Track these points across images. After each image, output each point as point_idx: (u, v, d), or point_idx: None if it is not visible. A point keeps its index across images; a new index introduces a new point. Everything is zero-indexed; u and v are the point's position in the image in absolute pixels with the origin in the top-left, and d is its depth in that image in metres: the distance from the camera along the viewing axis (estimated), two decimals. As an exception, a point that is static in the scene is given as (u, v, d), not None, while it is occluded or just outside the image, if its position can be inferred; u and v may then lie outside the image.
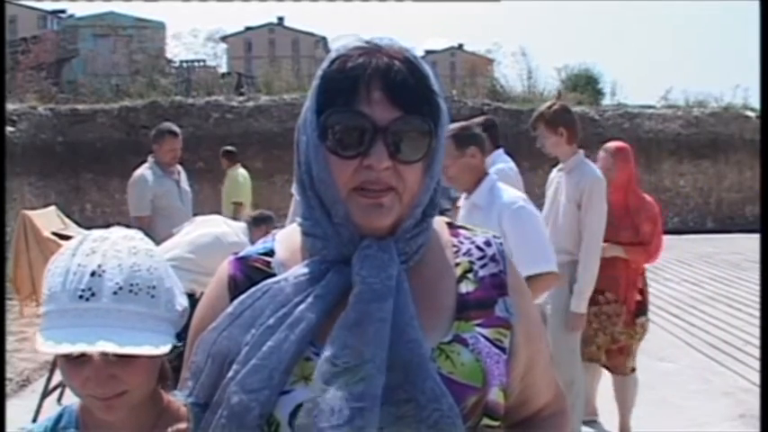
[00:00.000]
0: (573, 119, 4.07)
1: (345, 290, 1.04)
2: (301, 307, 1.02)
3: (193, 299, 1.20)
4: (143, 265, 1.13)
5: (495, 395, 1.06)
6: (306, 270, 1.06)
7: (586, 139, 4.27)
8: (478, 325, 1.08)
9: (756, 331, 6.47)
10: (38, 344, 1.07)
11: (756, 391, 4.98)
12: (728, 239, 13.25)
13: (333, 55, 1.07)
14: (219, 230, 4.39)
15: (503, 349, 1.09)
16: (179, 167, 5.77)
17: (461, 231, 1.18)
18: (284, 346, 1.00)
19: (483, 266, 1.13)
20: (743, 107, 15.96)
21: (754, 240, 9.04)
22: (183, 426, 1.15)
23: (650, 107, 16.14)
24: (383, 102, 1.02)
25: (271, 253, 1.14)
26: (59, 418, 1.20)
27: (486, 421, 1.06)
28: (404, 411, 0.98)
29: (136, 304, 1.10)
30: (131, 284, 1.10)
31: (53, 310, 1.08)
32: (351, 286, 1.03)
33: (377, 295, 1.01)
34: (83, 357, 1.08)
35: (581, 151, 4.04)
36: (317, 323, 1.02)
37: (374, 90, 1.02)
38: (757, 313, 6.99)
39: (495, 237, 1.18)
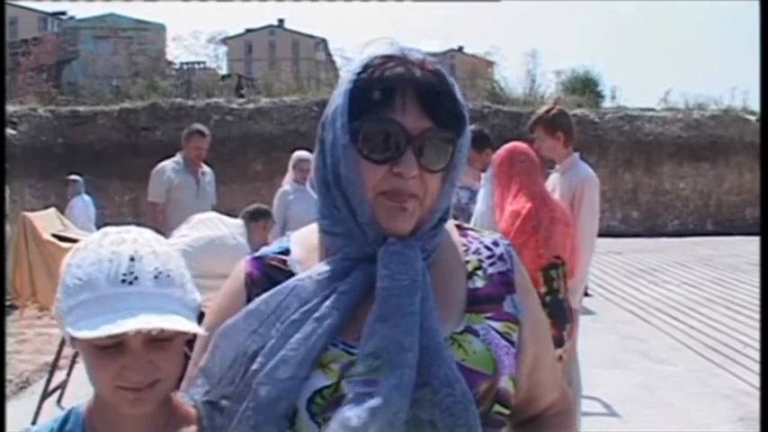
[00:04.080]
0: (570, 123, 4.15)
1: (369, 287, 1.08)
2: (327, 302, 1.06)
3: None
4: (171, 254, 1.13)
5: (506, 383, 1.10)
6: (328, 267, 1.10)
7: (587, 142, 4.29)
8: (489, 318, 1.13)
9: (756, 334, 6.46)
10: (74, 334, 1.04)
11: (756, 393, 4.97)
12: (728, 242, 13.25)
13: (366, 60, 1.11)
14: (217, 234, 4.39)
15: (512, 342, 1.13)
16: (206, 168, 6.17)
17: (470, 232, 1.24)
18: (312, 339, 1.04)
19: (492, 264, 1.18)
20: (743, 110, 15.99)
21: (753, 243, 9.04)
22: (192, 428, 1.13)
23: (650, 110, 16.17)
24: (416, 112, 1.07)
25: (287, 252, 1.18)
26: (65, 420, 1.16)
27: (497, 408, 1.09)
28: (419, 395, 1.01)
29: (174, 289, 1.09)
30: (168, 269, 1.09)
31: (89, 299, 1.05)
32: (374, 283, 1.07)
33: (407, 290, 1.05)
34: (119, 346, 1.05)
35: (576, 153, 4.10)
36: (343, 318, 1.06)
37: (409, 100, 1.07)
38: (757, 316, 6.98)
39: (501, 238, 1.24)
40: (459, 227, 1.24)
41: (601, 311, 7.79)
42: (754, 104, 15.96)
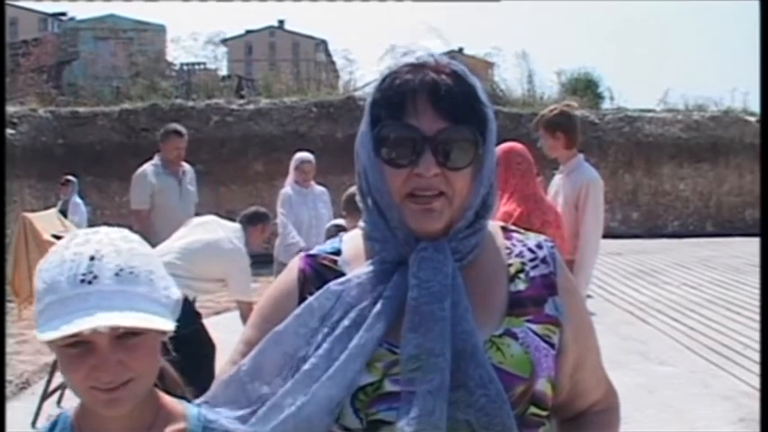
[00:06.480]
0: (572, 124, 4.09)
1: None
2: (377, 307, 1.12)
3: (186, 303, 1.20)
4: (138, 250, 1.11)
5: (543, 386, 1.13)
6: (368, 271, 1.16)
7: (586, 143, 4.27)
8: (528, 321, 1.16)
9: (756, 335, 6.46)
10: (39, 337, 1.04)
11: (756, 394, 4.97)
12: (728, 243, 13.24)
13: (385, 72, 1.17)
14: (214, 237, 4.38)
15: (551, 345, 1.16)
16: (186, 167, 6.00)
17: (514, 235, 1.26)
18: (367, 346, 1.10)
19: (534, 267, 1.21)
20: (743, 111, 15.99)
21: (753, 244, 9.04)
22: (180, 426, 1.13)
23: (650, 111, 16.16)
24: (430, 114, 1.11)
25: (338, 252, 1.24)
26: (54, 424, 1.16)
27: (532, 410, 1.13)
28: (456, 397, 1.06)
29: (137, 286, 1.06)
30: (131, 266, 1.07)
31: (53, 301, 1.04)
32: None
33: (436, 297, 1.10)
34: (87, 345, 1.04)
35: (580, 154, 4.07)
36: (390, 322, 1.12)
37: (420, 103, 1.11)
38: (757, 317, 6.98)
39: (546, 240, 1.26)
40: (504, 229, 1.27)
41: (601, 312, 7.78)
42: (755, 106, 15.97)
